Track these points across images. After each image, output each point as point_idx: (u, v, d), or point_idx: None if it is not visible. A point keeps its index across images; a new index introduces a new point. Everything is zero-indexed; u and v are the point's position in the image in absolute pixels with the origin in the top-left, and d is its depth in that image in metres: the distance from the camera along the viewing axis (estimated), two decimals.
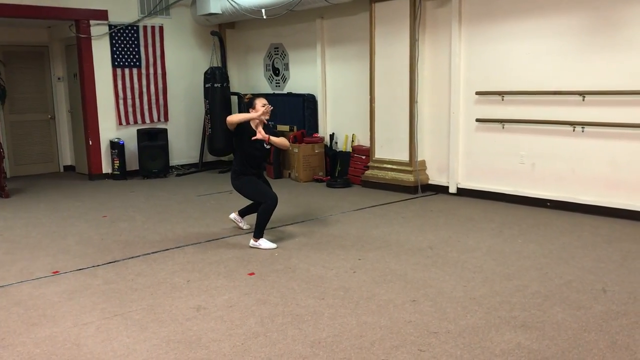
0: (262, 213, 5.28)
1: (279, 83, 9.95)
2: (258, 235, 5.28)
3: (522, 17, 6.54)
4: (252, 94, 5.56)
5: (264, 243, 5.27)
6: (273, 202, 5.33)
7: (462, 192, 7.36)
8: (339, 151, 8.89)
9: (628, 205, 5.90)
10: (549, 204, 6.50)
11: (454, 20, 7.10)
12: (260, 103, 5.41)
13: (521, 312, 3.70)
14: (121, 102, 9.55)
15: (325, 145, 8.95)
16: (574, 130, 6.23)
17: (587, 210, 6.17)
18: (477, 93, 7.04)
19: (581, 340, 3.28)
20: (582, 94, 6.08)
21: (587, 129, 6.13)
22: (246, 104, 5.34)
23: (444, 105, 7.43)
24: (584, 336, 3.33)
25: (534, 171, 6.66)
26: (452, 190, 7.46)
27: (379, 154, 8.04)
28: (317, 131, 9.19)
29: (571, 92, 6.17)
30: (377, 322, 3.60)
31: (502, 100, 6.82)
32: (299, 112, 9.20)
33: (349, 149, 8.73)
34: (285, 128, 9.18)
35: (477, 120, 7.08)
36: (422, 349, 3.23)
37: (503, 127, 6.85)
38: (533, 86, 6.51)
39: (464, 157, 7.35)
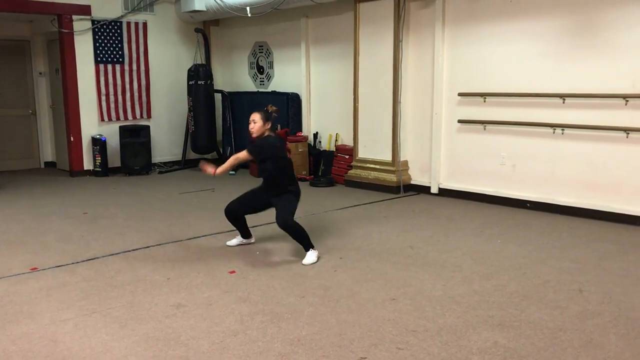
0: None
1: (263, 81, 9.94)
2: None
3: (504, 20, 6.61)
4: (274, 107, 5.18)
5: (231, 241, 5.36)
6: (226, 209, 5.17)
7: (444, 193, 7.41)
8: (323, 150, 8.90)
9: (605, 207, 5.98)
10: (528, 204, 6.57)
11: (437, 21, 7.15)
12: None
13: (499, 311, 3.74)
14: (103, 98, 9.48)
15: (309, 145, 8.96)
16: (554, 132, 6.31)
17: (565, 212, 6.25)
18: (460, 94, 7.09)
19: (557, 339, 3.32)
20: (562, 96, 6.15)
21: (567, 131, 6.21)
22: (268, 115, 5.05)
23: (426, 106, 7.48)
24: (559, 335, 3.38)
25: (514, 172, 6.73)
26: (434, 190, 7.51)
27: (362, 153, 8.07)
28: (301, 130, 9.20)
29: (552, 95, 6.25)
30: (357, 321, 3.62)
31: (484, 101, 6.88)
32: (283, 110, 9.17)
33: (333, 149, 8.75)
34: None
35: (459, 121, 7.14)
36: (401, 347, 3.26)
37: (484, 129, 6.92)
38: (514, 88, 6.58)
39: (445, 158, 7.41)
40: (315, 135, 9.01)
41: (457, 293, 4.07)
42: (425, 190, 7.60)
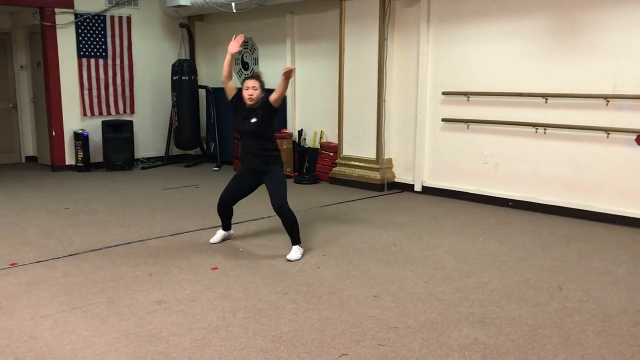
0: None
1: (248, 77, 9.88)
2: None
3: (489, 19, 6.65)
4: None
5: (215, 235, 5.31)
6: (218, 201, 5.15)
7: (427, 191, 7.45)
8: (307, 147, 8.90)
9: (586, 206, 6.05)
10: (510, 203, 6.63)
11: (422, 20, 7.17)
12: (245, 85, 5.01)
13: (480, 308, 3.77)
14: (86, 92, 9.38)
15: (294, 142, 8.95)
16: (536, 131, 6.36)
17: (547, 210, 6.31)
18: (444, 93, 7.13)
19: (536, 336, 3.36)
20: (545, 96, 6.21)
21: (549, 130, 6.27)
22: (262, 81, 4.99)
23: (411, 104, 7.50)
24: (539, 332, 3.41)
25: (497, 171, 6.78)
26: (418, 188, 7.54)
27: (347, 151, 8.08)
28: (285, 127, 9.18)
29: (534, 94, 6.30)
30: (339, 317, 3.62)
31: (468, 100, 6.92)
32: None
33: (317, 146, 8.75)
34: None
35: (443, 120, 7.18)
36: (382, 343, 3.27)
37: (468, 127, 6.96)
38: (498, 87, 6.63)
39: (429, 156, 7.44)
40: (300, 132, 9.00)
41: (439, 290, 4.09)
42: (409, 188, 7.63)
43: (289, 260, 4.72)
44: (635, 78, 5.64)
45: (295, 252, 4.80)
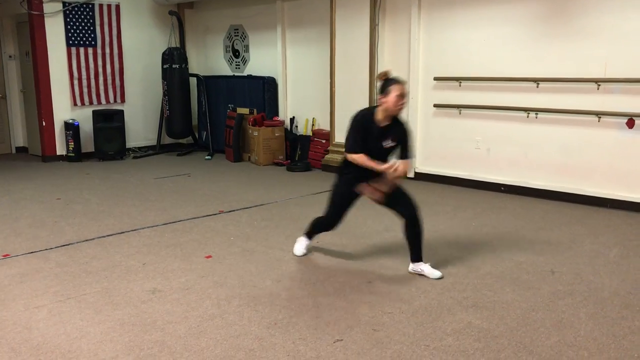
0: (316, 223, 4.46)
1: (239, 65, 9.85)
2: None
3: (479, 5, 6.63)
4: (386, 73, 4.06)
5: (298, 245, 4.56)
6: (328, 222, 4.33)
7: (420, 177, 7.46)
8: (300, 135, 8.88)
9: (577, 190, 6.09)
10: (503, 188, 6.66)
11: (413, 6, 7.14)
12: (396, 91, 3.83)
13: (473, 292, 3.80)
14: (76, 82, 9.30)
15: (286, 129, 8.92)
16: (527, 116, 6.38)
17: (538, 195, 6.34)
18: (436, 79, 7.12)
19: (529, 319, 3.39)
20: (536, 80, 6.22)
21: (540, 115, 6.29)
22: (380, 86, 3.93)
23: None
24: (531, 315, 3.45)
25: (489, 156, 6.80)
26: (410, 174, 7.55)
27: (339, 138, 8.06)
28: (277, 114, 9.15)
29: (526, 79, 6.30)
30: (333, 304, 3.64)
31: (460, 86, 6.92)
32: (259, 95, 9.14)
33: (310, 133, 8.73)
34: (245, 111, 9.11)
35: (435, 105, 7.18)
36: (376, 328, 3.29)
37: (460, 113, 6.96)
38: (489, 72, 6.62)
39: (421, 142, 7.44)
40: (292, 119, 8.98)
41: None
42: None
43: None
44: (626, 61, 5.65)
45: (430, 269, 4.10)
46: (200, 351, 3.06)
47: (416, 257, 4.10)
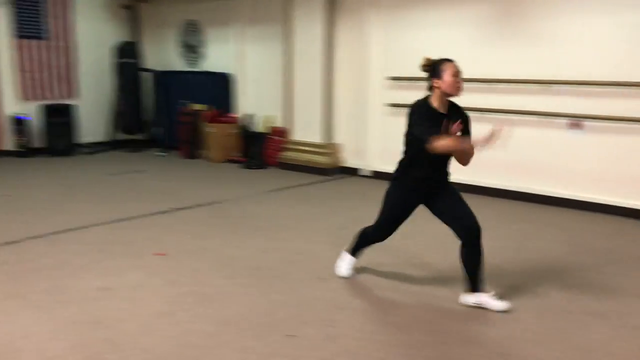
0: (362, 235, 4.00)
1: (194, 61, 9.74)
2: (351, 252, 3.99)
3: (434, 6, 6.74)
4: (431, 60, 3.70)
5: (342, 264, 4.02)
6: (379, 234, 3.88)
7: (377, 175, 7.53)
8: (256, 132, 8.84)
9: (527, 189, 6.27)
10: (457, 186, 6.77)
11: (370, 5, 7.21)
12: (450, 70, 3.51)
13: (425, 288, 3.86)
14: (27, 75, 9.03)
15: (242, 126, 8.88)
16: (481, 116, 6.50)
17: (489, 193, 6.49)
18: (392, 78, 7.20)
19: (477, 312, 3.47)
20: (489, 81, 6.36)
21: (493, 115, 6.42)
22: (428, 70, 3.59)
23: (359, 89, 7.55)
24: (478, 311, 3.52)
25: None
26: (367, 172, 7.62)
27: (296, 135, 8.08)
28: (233, 111, 9.10)
29: (479, 80, 6.42)
30: (286, 301, 3.65)
31: (414, 86, 7.01)
32: (215, 91, 9.06)
33: (266, 130, 8.71)
34: (201, 107, 9.02)
35: (391, 104, 7.26)
36: (329, 324, 3.31)
37: None
38: None
39: (378, 141, 7.52)
40: (248, 116, 8.94)
41: (386, 271, 4.16)
42: (358, 172, 7.70)
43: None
44: (573, 64, 5.84)
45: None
46: (149, 349, 3.02)
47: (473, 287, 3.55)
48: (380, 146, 7.49)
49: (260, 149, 8.63)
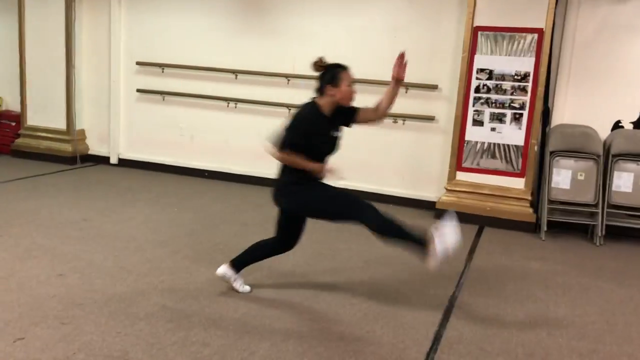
0: (388, 232, 3.32)
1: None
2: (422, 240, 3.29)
3: None
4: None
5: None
6: (375, 215, 3.30)
7: (124, 163, 7.27)
8: None
9: (273, 175, 6.62)
10: (206, 174, 6.90)
11: None
12: (347, 80, 3.38)
13: (169, 276, 3.88)
14: None
15: None
16: (227, 105, 6.70)
17: (239, 180, 6.74)
18: (138, 63, 7.00)
19: (221, 297, 3.60)
20: (235, 72, 6.57)
21: (239, 105, 6.67)
22: (322, 73, 3.40)
23: (104, 72, 7.18)
24: (224, 291, 3.66)
25: (193, 143, 6.97)
26: (114, 161, 7.31)
27: (32, 120, 7.39)
28: None
29: (225, 70, 6.61)
30: (17, 300, 3.36)
31: (163, 72, 6.92)
32: None
33: None
34: None
35: (138, 90, 7.05)
36: (65, 321, 3.14)
37: (163, 99, 6.98)
38: (192, 61, 6.77)
39: (125, 128, 7.26)
40: None
41: (129, 263, 4.08)
42: (104, 160, 7.35)
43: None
44: (310, 60, 6.31)
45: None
46: None
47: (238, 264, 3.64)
48: (130, 133, 7.24)
49: None
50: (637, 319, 3.64)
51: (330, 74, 3.37)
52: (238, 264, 3.66)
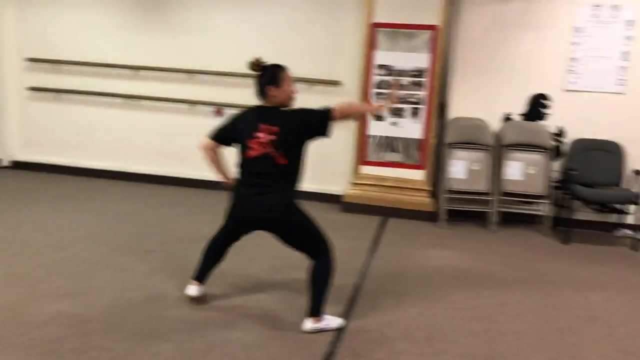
0: (324, 275, 3.25)
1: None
2: (318, 311, 3.26)
3: None
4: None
5: (331, 320, 3.32)
6: (332, 254, 3.29)
7: (18, 166, 6.90)
8: None
9: (177, 173, 6.53)
10: (107, 174, 6.66)
11: None
12: (289, 81, 3.27)
13: (66, 281, 3.72)
14: None
15: None
16: (127, 102, 6.50)
17: (142, 179, 6.57)
18: (30, 60, 6.64)
19: (122, 299, 3.50)
20: (135, 68, 6.38)
21: (141, 102, 6.49)
22: (260, 74, 3.23)
23: None
24: (125, 294, 3.56)
25: (92, 142, 6.71)
26: (6, 163, 6.91)
27: None
28: None
29: (125, 66, 6.41)
30: None
31: (58, 69, 6.60)
32: None
33: None
34: None
35: (31, 88, 6.70)
36: None
37: (60, 98, 6.66)
38: (89, 57, 6.52)
39: (17, 128, 6.88)
40: None
41: (24, 269, 3.87)
42: None
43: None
44: (213, 56, 6.26)
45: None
46: None
47: None
48: (21, 133, 6.86)
49: None
50: (526, 298, 3.89)
51: (269, 74, 3.24)
52: (199, 276, 3.56)
